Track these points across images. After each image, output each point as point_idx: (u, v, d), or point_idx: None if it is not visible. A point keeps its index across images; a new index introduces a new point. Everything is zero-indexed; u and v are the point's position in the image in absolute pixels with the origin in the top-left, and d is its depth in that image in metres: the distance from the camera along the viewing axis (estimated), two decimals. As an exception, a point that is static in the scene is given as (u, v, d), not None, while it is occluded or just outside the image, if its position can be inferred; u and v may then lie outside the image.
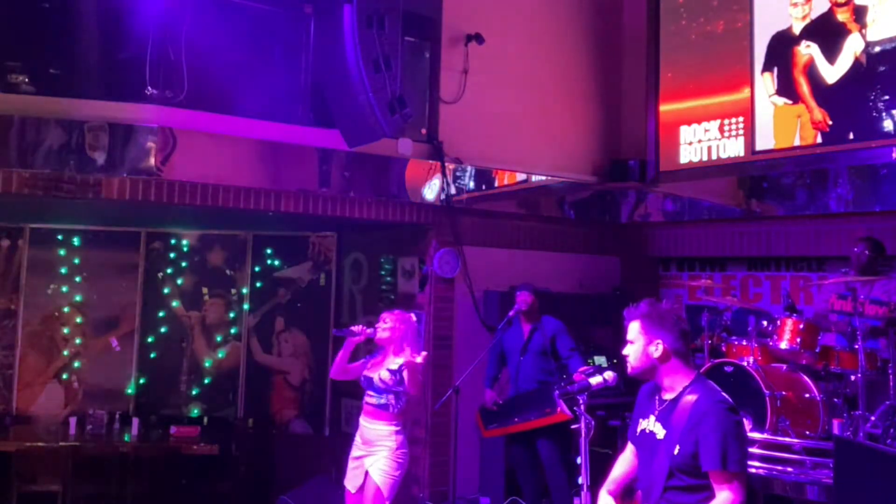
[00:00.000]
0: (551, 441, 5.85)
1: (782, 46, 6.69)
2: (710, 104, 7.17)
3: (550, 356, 6.02)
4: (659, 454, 3.10)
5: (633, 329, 3.20)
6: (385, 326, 4.88)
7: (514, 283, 6.91)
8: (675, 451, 3.03)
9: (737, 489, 2.96)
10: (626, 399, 5.06)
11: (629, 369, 3.24)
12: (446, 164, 6.64)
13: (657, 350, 3.15)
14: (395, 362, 4.78)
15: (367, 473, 4.77)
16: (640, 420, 3.31)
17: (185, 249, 7.67)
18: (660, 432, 3.15)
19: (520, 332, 6.14)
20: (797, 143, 6.57)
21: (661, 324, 3.16)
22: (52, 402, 7.15)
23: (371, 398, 4.85)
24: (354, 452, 4.90)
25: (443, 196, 6.64)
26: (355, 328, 4.92)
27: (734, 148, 7.02)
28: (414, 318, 5.02)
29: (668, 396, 3.19)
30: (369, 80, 5.31)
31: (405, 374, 4.70)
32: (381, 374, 4.79)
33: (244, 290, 7.75)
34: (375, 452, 4.78)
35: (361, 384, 4.95)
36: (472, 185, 6.90)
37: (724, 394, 3.17)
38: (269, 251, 7.82)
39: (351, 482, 4.88)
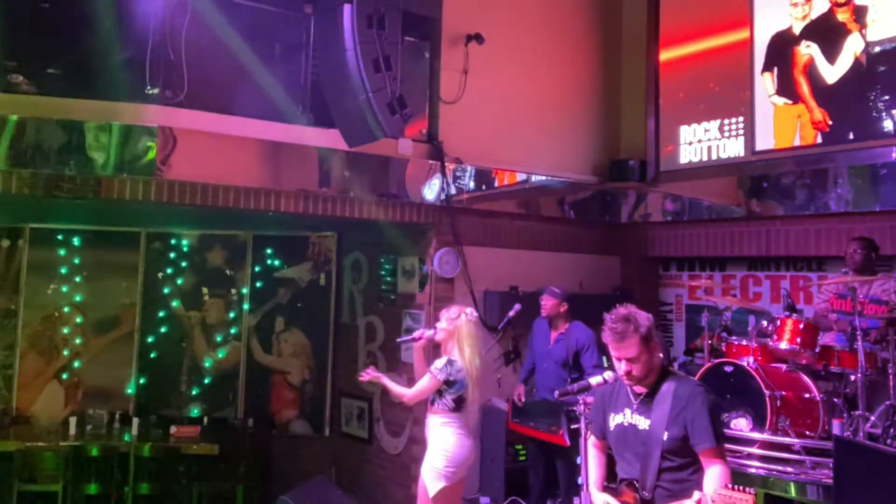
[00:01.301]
0: (564, 448, 5.82)
1: (782, 46, 6.70)
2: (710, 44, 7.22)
3: (572, 367, 5.94)
4: (648, 443, 3.29)
5: (633, 346, 3.26)
6: (441, 327, 4.85)
7: (514, 283, 6.93)
8: (665, 438, 3.24)
9: (725, 459, 3.25)
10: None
11: (634, 381, 3.33)
12: (446, 164, 6.64)
13: (656, 352, 3.33)
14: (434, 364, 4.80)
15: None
16: (612, 415, 3.46)
17: (185, 249, 7.67)
18: (642, 423, 3.33)
19: (547, 336, 6.11)
20: (797, 143, 6.57)
21: (654, 331, 3.33)
22: (52, 402, 7.15)
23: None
24: None
25: (443, 196, 6.63)
26: (415, 334, 4.93)
27: (734, 148, 7.02)
28: (469, 312, 4.92)
29: (641, 390, 3.35)
30: (369, 80, 5.31)
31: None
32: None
33: (244, 290, 7.75)
34: (428, 447, 4.78)
35: None
36: (472, 185, 6.90)
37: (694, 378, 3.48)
38: (269, 251, 7.82)
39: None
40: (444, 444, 4.72)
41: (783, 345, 5.18)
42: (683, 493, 3.21)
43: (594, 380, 3.54)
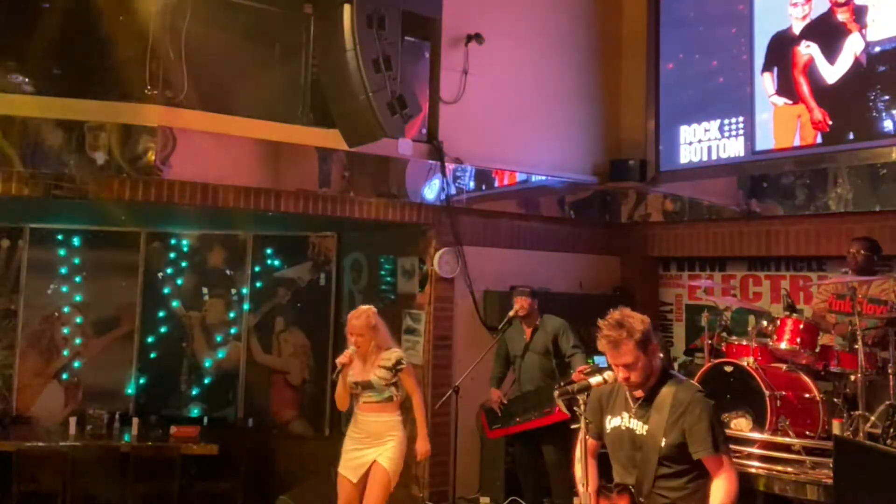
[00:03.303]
0: (554, 444, 5.83)
1: (782, 46, 6.70)
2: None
3: (553, 355, 6.00)
4: (645, 449, 3.23)
5: (628, 352, 3.18)
6: (357, 340, 4.88)
7: (515, 283, 6.90)
8: (662, 444, 3.18)
9: (730, 466, 3.18)
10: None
11: (633, 386, 3.27)
12: (446, 164, 6.65)
13: (655, 356, 3.26)
14: (384, 359, 4.88)
15: (374, 462, 4.84)
16: (609, 417, 3.40)
17: (185, 249, 7.67)
18: (640, 428, 3.27)
19: (522, 332, 6.14)
20: (797, 143, 6.57)
21: (652, 333, 3.24)
22: (52, 402, 7.15)
23: (371, 397, 4.90)
24: (354, 445, 4.93)
25: (443, 196, 6.64)
26: (341, 360, 4.87)
27: (734, 148, 7.03)
28: (365, 308, 4.97)
29: (639, 393, 3.29)
30: (369, 80, 5.31)
31: (405, 382, 4.92)
32: (377, 374, 4.86)
33: (244, 290, 7.75)
34: (385, 443, 4.85)
35: (353, 392, 4.94)
36: (472, 185, 6.90)
37: (694, 382, 3.38)
38: (269, 251, 7.82)
39: (352, 472, 4.89)
40: (404, 441, 4.90)
41: (783, 345, 5.18)
42: (681, 501, 3.17)
43: (594, 379, 3.53)
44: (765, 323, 5.46)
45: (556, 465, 5.87)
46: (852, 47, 6.18)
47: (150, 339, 7.49)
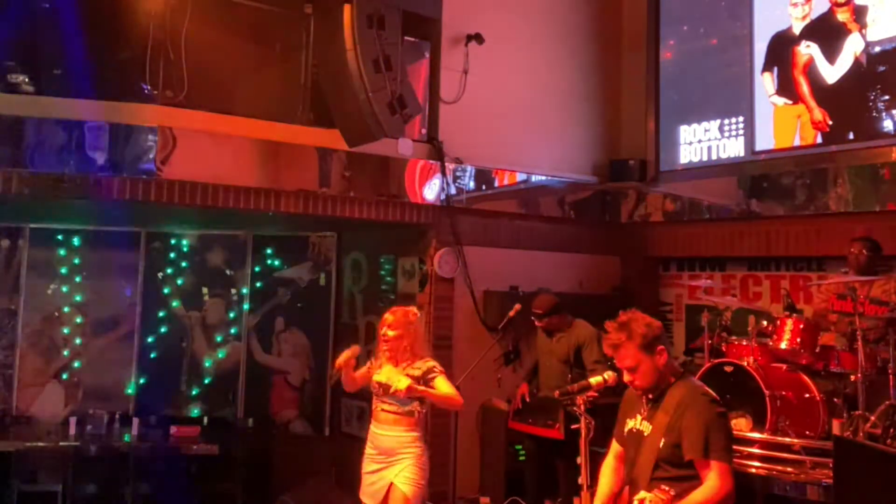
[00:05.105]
0: (568, 448, 5.79)
1: (782, 46, 6.70)
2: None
3: (573, 364, 5.90)
4: (645, 449, 3.20)
5: (629, 355, 3.18)
6: (389, 336, 4.53)
7: (514, 283, 6.93)
8: (661, 444, 3.14)
9: (722, 478, 3.05)
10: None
11: (640, 390, 3.26)
12: (446, 164, 6.65)
13: (662, 359, 3.21)
14: (415, 367, 4.47)
15: (391, 485, 4.40)
16: (627, 420, 3.39)
17: (185, 249, 7.67)
18: (646, 429, 3.25)
19: (550, 333, 6.12)
20: (797, 143, 6.58)
21: (658, 337, 3.21)
22: (52, 402, 7.14)
23: (390, 406, 4.49)
24: (369, 466, 4.55)
25: (443, 196, 6.63)
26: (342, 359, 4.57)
27: (734, 148, 7.03)
28: (407, 307, 4.75)
29: (653, 395, 3.27)
30: (369, 80, 5.31)
31: (441, 388, 4.43)
32: (399, 386, 4.33)
33: (244, 290, 7.75)
34: (401, 461, 4.43)
35: (373, 390, 4.58)
36: (472, 185, 6.90)
37: (707, 388, 3.28)
38: (269, 251, 7.82)
39: (371, 497, 4.51)
40: (422, 459, 4.47)
41: (783, 345, 5.18)
42: None
43: (594, 379, 3.53)
44: (765, 323, 5.46)
45: (567, 467, 5.84)
46: (852, 47, 6.18)
47: (150, 339, 7.49)
